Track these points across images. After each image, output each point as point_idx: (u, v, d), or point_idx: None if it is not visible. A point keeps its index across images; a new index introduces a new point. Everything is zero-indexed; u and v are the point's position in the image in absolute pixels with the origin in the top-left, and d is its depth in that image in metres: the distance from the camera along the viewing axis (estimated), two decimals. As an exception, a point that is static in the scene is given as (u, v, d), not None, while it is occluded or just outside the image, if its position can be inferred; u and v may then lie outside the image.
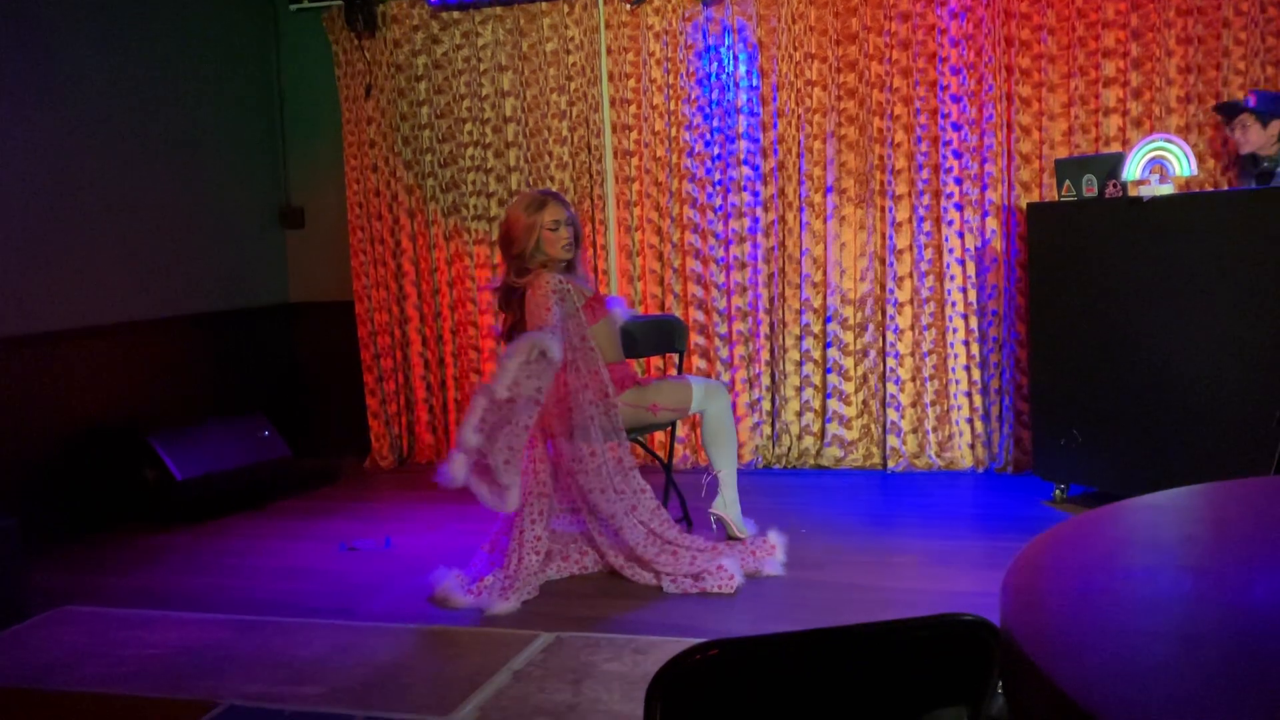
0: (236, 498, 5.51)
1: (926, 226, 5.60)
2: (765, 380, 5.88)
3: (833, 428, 5.80)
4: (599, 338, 4.26)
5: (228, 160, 6.30)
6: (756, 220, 5.81)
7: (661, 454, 5.25)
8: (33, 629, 3.87)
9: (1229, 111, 4.73)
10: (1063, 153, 5.31)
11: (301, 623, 3.80)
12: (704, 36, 5.79)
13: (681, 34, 5.81)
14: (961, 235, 5.53)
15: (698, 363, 5.92)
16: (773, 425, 5.91)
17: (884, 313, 5.69)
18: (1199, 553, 1.43)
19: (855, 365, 5.75)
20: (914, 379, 5.68)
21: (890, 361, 5.68)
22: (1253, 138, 4.60)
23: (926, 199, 5.58)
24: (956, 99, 5.47)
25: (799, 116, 5.70)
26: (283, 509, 5.52)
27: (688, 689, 1.35)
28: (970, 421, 5.60)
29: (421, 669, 3.36)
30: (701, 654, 1.37)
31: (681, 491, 4.74)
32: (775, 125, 5.75)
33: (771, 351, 5.88)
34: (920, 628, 1.40)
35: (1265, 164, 4.60)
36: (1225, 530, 1.52)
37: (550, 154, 6.08)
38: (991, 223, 5.49)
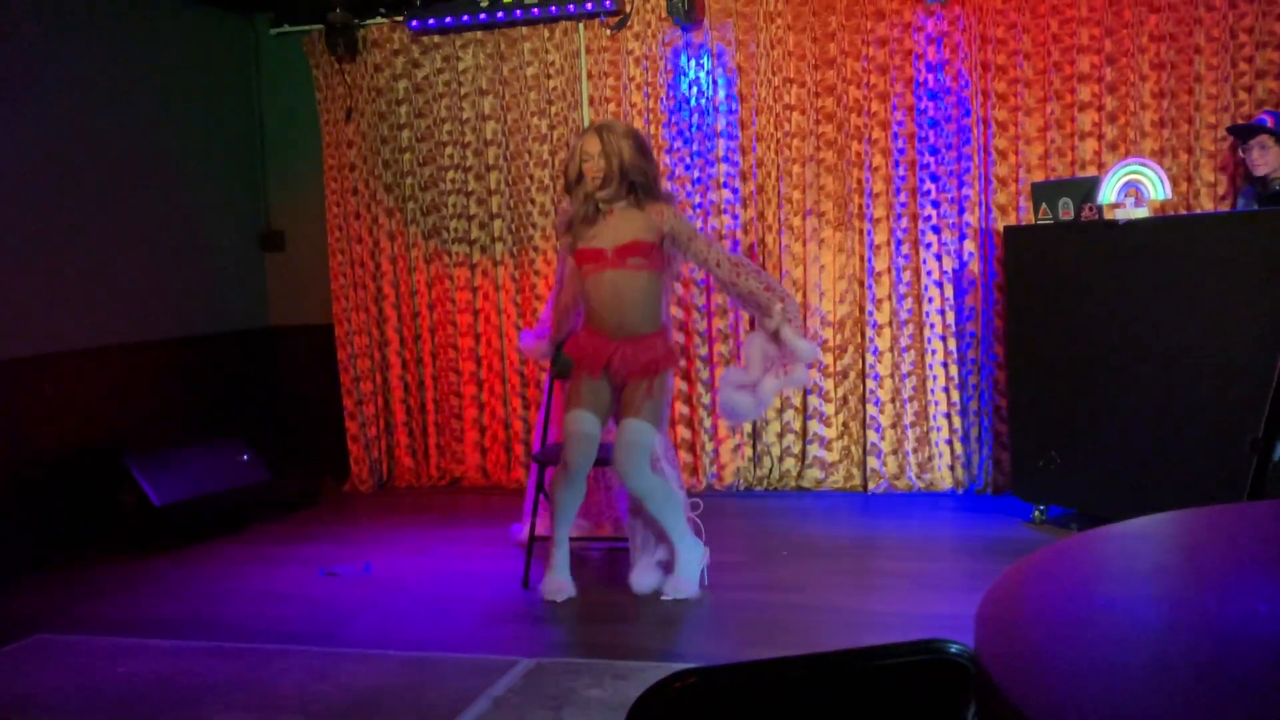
0: (215, 522, 5.47)
1: (905, 249, 5.63)
2: (746, 402, 5.88)
3: (813, 450, 5.81)
4: (588, 291, 4.15)
5: (208, 183, 6.29)
6: (736, 243, 5.83)
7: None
8: (7, 658, 3.82)
9: (1245, 133, 4.74)
10: (1039, 176, 5.36)
11: (281, 649, 3.78)
12: (684, 61, 5.82)
13: (661, 59, 5.85)
14: (939, 258, 5.57)
15: (678, 384, 5.92)
16: (754, 447, 5.92)
17: (863, 335, 5.72)
18: (1172, 581, 1.44)
19: (835, 387, 5.77)
20: (893, 401, 5.70)
21: (870, 383, 5.70)
22: (1271, 159, 4.60)
23: (904, 222, 5.62)
24: (934, 123, 5.52)
25: (778, 140, 5.74)
26: (262, 533, 5.48)
27: (668, 716, 1.35)
28: (950, 443, 5.62)
29: (402, 696, 3.34)
30: (681, 681, 1.37)
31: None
32: (754, 149, 5.78)
33: (752, 374, 5.89)
34: (900, 653, 1.40)
35: (1276, 185, 4.61)
36: (1198, 558, 1.53)
37: (531, 177, 6.09)
38: (969, 245, 5.53)
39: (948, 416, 5.61)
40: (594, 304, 4.14)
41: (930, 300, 5.58)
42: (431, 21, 6.01)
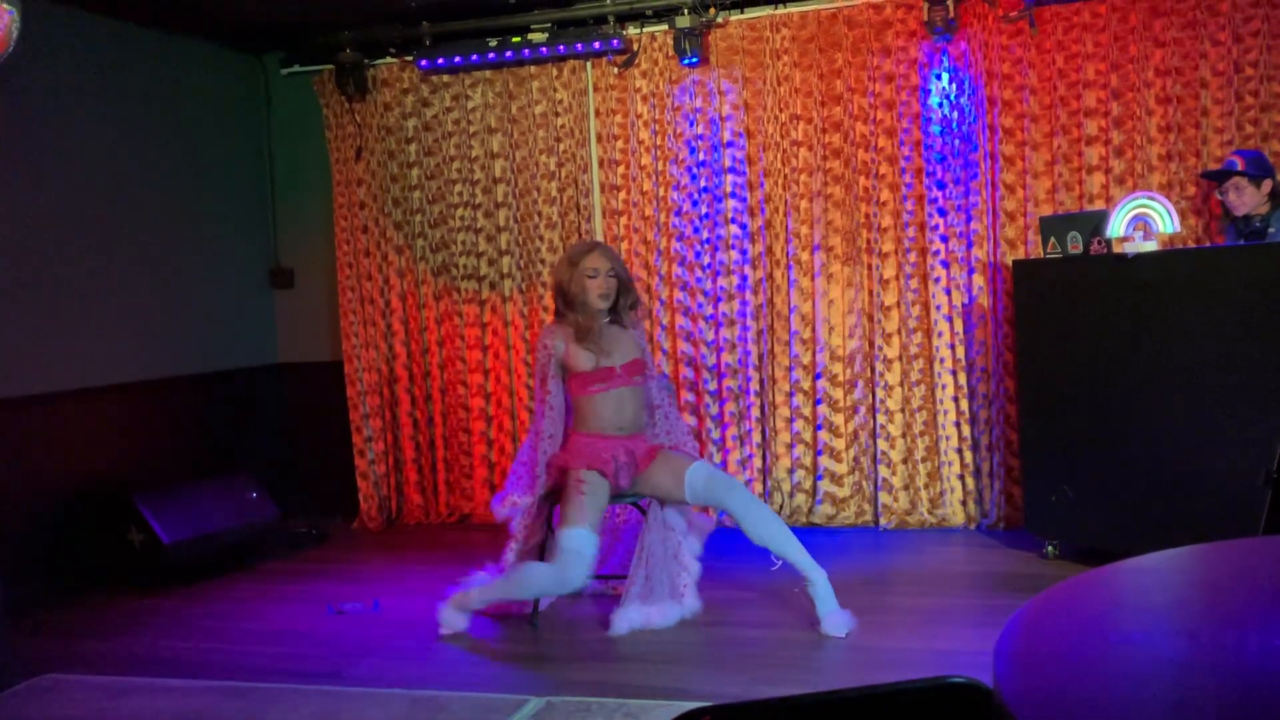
0: (224, 560, 5.46)
1: (914, 283, 5.64)
2: (756, 437, 5.88)
3: (824, 485, 5.79)
4: (596, 405, 4.28)
5: (218, 221, 6.32)
6: (745, 278, 5.84)
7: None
8: (15, 698, 3.80)
9: (1219, 177, 4.77)
10: (1047, 210, 5.36)
11: (289, 688, 3.75)
12: (690, 98, 5.86)
13: (669, 96, 5.88)
14: (949, 292, 5.57)
15: (688, 419, 5.91)
16: (764, 483, 5.89)
17: (873, 369, 5.71)
18: (1190, 616, 1.42)
19: (846, 422, 5.76)
20: (904, 435, 5.68)
21: (880, 418, 5.68)
22: (1247, 199, 4.64)
23: (913, 256, 5.63)
24: (940, 158, 5.54)
25: (785, 176, 5.76)
26: (271, 571, 5.47)
27: (681, 756, 1.33)
28: (961, 478, 5.59)
29: (410, 735, 3.31)
30: (694, 719, 1.35)
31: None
32: (762, 184, 5.81)
33: (762, 408, 5.89)
34: (914, 691, 1.39)
35: (1257, 223, 4.63)
36: (1216, 593, 1.52)
37: (539, 214, 6.12)
38: (978, 279, 5.53)
39: (959, 451, 5.58)
40: (600, 413, 4.28)
41: (940, 334, 5.57)
42: (440, 61, 6.06)
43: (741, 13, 5.78)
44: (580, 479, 4.13)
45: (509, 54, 5.97)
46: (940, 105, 5.52)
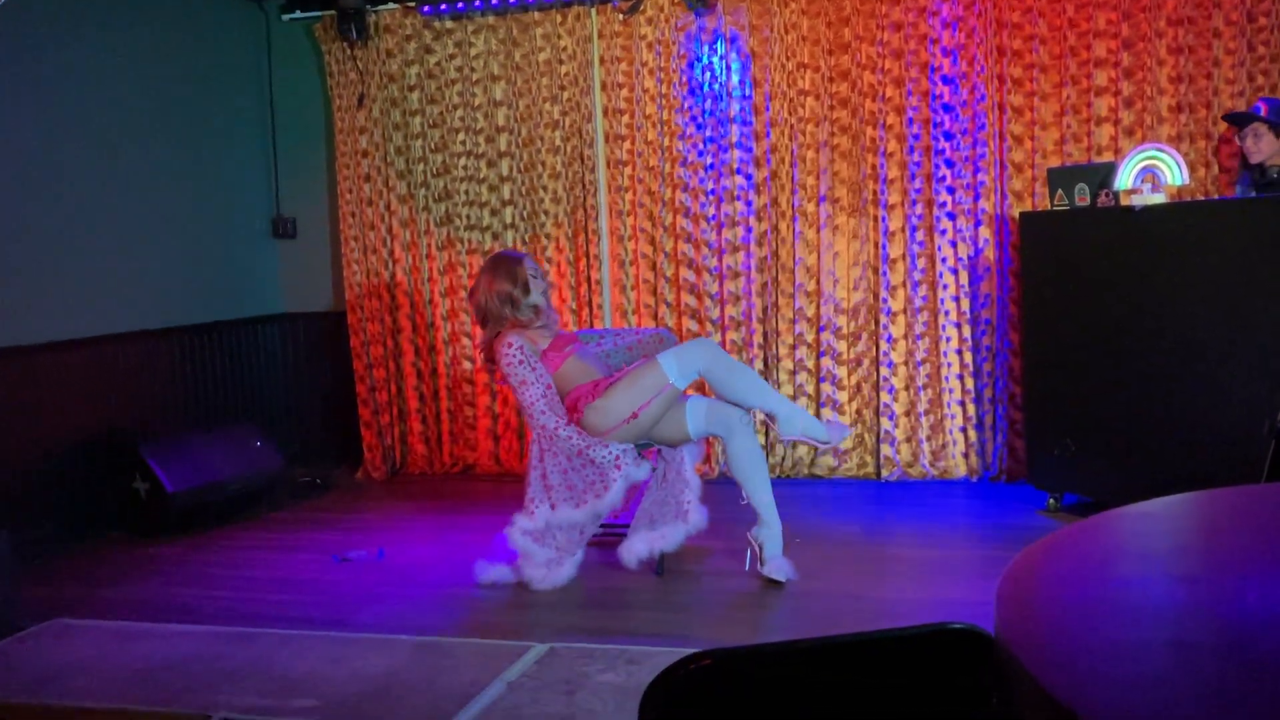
0: (229, 509, 5.49)
1: (919, 235, 5.61)
2: (759, 389, 5.87)
3: (826, 437, 5.79)
4: (569, 376, 4.33)
5: (219, 171, 6.29)
6: (750, 229, 5.81)
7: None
8: (23, 642, 3.85)
9: (1239, 121, 4.69)
10: (1055, 162, 5.32)
11: (294, 634, 3.79)
12: (697, 46, 5.80)
13: (674, 44, 5.82)
14: (954, 244, 5.54)
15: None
16: (767, 434, 5.90)
17: (877, 321, 5.69)
18: (1191, 561, 1.43)
19: (849, 374, 5.76)
20: (908, 388, 5.68)
21: (884, 370, 5.68)
22: (1264, 147, 4.55)
23: (919, 208, 5.59)
24: (949, 108, 5.48)
25: (792, 126, 5.71)
26: (275, 520, 5.50)
27: (681, 699, 1.34)
28: (964, 430, 5.60)
29: (414, 681, 3.35)
30: (695, 663, 1.36)
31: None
32: (768, 135, 5.76)
33: (765, 360, 5.88)
34: (914, 637, 1.40)
35: (1274, 174, 4.57)
36: (1217, 539, 1.52)
37: (543, 164, 6.08)
38: (984, 231, 5.50)
39: (962, 404, 5.59)
40: (592, 369, 4.36)
41: (945, 287, 5.55)
42: (444, 7, 6.00)
43: (748, -41, 5.70)
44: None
45: None
46: (948, 55, 5.46)
